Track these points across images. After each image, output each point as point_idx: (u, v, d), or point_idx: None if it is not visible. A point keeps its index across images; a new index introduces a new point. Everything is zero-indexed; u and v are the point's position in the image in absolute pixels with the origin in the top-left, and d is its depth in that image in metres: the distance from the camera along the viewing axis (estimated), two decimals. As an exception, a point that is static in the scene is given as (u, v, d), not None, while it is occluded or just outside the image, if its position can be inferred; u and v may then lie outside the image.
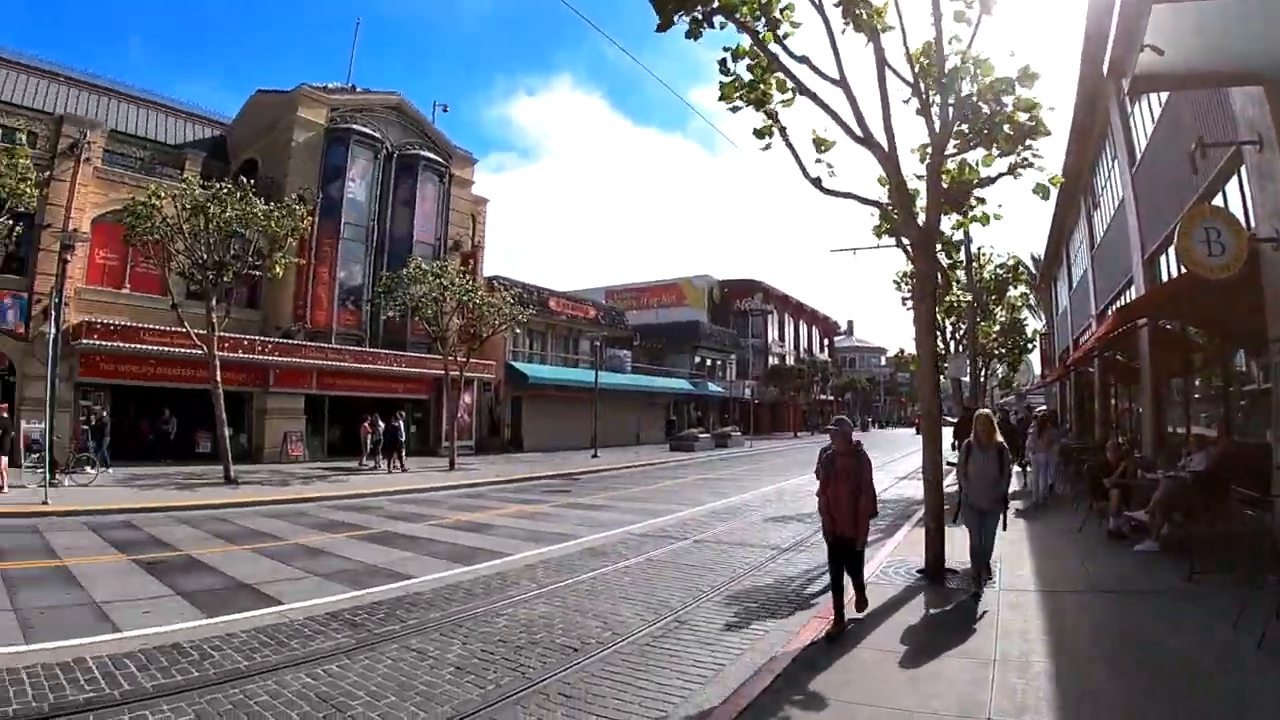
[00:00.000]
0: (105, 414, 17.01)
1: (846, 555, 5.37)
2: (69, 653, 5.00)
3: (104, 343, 17.33)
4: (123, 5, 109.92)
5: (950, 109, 7.09)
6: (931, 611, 6.00)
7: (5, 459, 12.84)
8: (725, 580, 7.32)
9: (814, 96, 6.95)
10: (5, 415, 13.98)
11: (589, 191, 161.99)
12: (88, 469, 14.71)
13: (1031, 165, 7.18)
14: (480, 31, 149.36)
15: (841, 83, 6.81)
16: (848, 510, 5.20)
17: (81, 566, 7.85)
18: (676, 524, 11.32)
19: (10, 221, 14.20)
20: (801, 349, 63.52)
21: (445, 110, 29.16)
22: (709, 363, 47.90)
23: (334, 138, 23.85)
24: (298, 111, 22.98)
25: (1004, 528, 6.30)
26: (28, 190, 13.57)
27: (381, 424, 20.12)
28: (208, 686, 4.44)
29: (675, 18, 6.53)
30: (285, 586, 7.07)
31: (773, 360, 55.91)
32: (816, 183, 7.40)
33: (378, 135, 25.30)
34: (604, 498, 15.20)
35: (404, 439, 19.98)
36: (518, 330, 26.23)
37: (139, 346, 17.86)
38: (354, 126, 24.38)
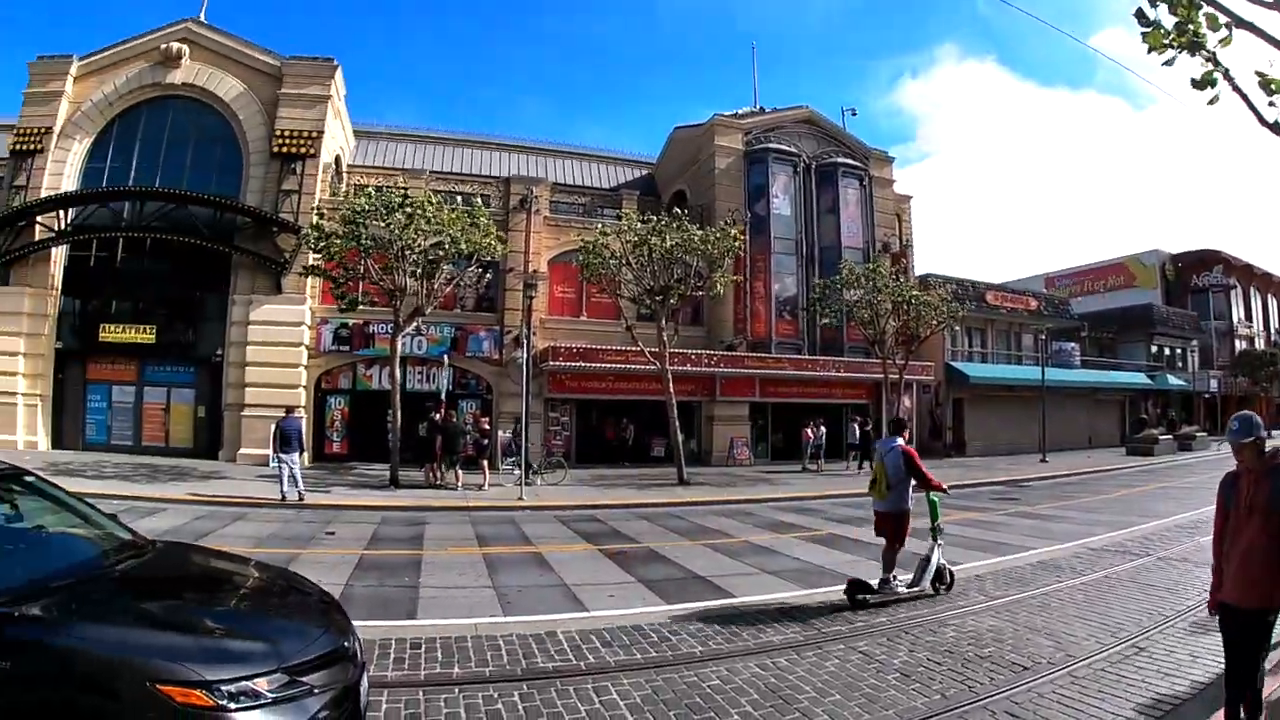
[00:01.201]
0: (516, 427, 18.99)
1: (1246, 636, 3.40)
2: (541, 626, 5.67)
3: (567, 363, 20.84)
4: (521, 76, 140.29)
5: None
6: None
7: (486, 463, 16.13)
8: (1192, 605, 6.35)
9: (1253, 28, 4.65)
10: (486, 426, 17.53)
11: (1004, 170, 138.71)
12: (556, 470, 17.29)
13: None
14: (835, 28, 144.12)
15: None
16: (1250, 565, 3.36)
17: (552, 553, 9.07)
18: (1137, 538, 10.28)
19: (480, 270, 18.42)
20: (1273, 329, 51.30)
21: (854, 114, 28.81)
22: (1166, 351, 41.21)
23: (753, 159, 25.36)
24: (715, 140, 25.08)
25: None
26: (490, 243, 16.58)
27: (823, 429, 21.46)
28: (664, 666, 4.80)
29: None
30: (736, 580, 7.48)
31: (1239, 344, 46.10)
32: (1276, 128, 4.74)
33: (793, 150, 26.10)
34: (1055, 506, 14.33)
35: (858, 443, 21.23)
36: (955, 328, 24.11)
37: (598, 365, 21.09)
38: (770, 145, 25.60)
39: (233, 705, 2.74)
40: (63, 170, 20.75)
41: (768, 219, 24.79)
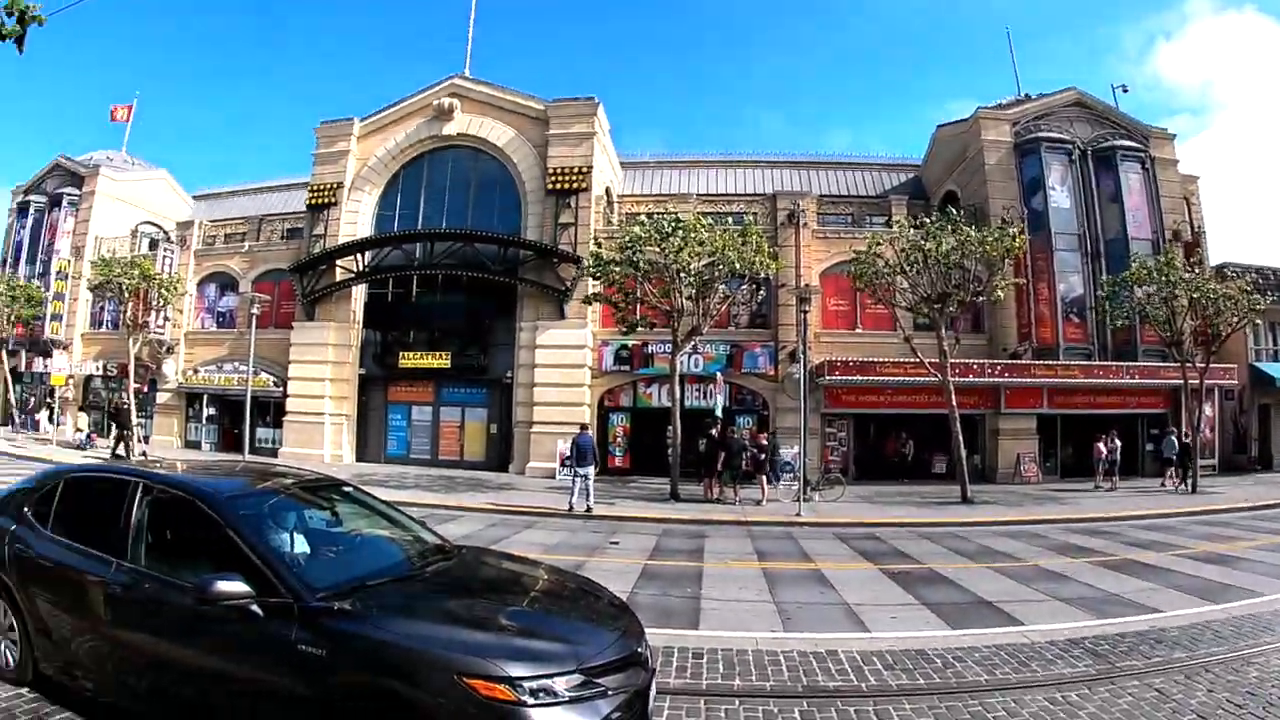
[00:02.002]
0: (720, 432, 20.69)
1: None
2: (822, 644, 6.38)
3: (843, 377, 23.19)
4: (760, 92, 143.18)
5: None
6: None
7: (765, 478, 18.47)
8: None
9: None
10: (763, 442, 19.69)
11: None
12: (834, 486, 19.00)
13: None
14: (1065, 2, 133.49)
15: None
16: None
17: (832, 571, 10.10)
18: None
19: (753, 287, 21.35)
20: None
21: (1124, 91, 28.95)
22: None
23: (1024, 150, 26.60)
24: (982, 135, 26.69)
25: None
26: (762, 260, 18.73)
27: (1117, 441, 21.86)
28: (948, 693, 5.28)
29: None
30: (1024, 607, 7.99)
31: None
32: None
33: (1065, 136, 26.89)
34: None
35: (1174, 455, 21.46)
36: (1257, 323, 23.37)
37: (875, 378, 23.28)
38: (1040, 134, 26.64)
39: (531, 701, 3.33)
40: (356, 219, 27.15)
41: (1046, 213, 25.74)
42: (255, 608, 3.73)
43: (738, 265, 18.63)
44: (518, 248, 24.57)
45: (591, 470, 16.08)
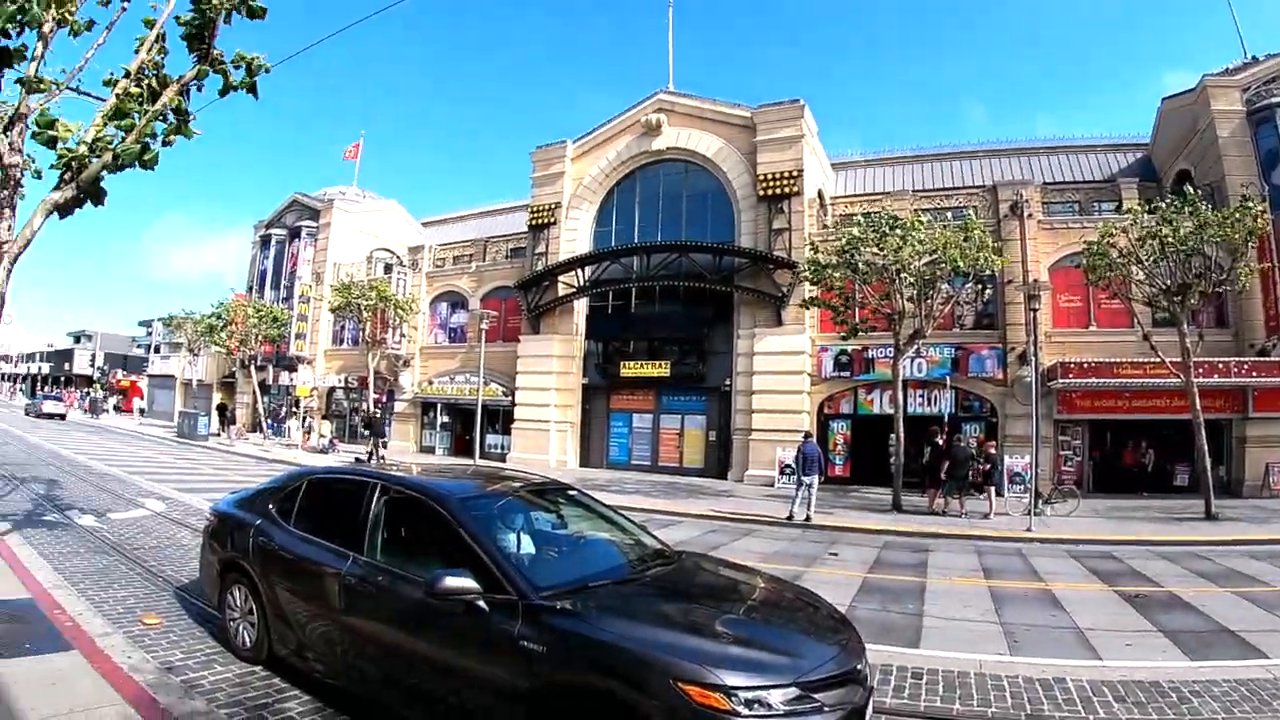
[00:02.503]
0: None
1: None
2: (1049, 670, 6.53)
3: (1078, 380, 23.43)
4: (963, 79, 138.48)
5: None
6: None
7: (993, 489, 18.96)
8: None
9: None
10: (991, 451, 20.22)
11: None
12: (1067, 500, 19.21)
13: None
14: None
15: None
16: None
17: (1063, 591, 10.20)
18: None
19: (978, 285, 22.21)
20: None
21: None
22: None
23: (1259, 119, 25.67)
24: (1211, 105, 26.21)
25: None
26: (986, 256, 19.23)
27: None
28: None
29: None
30: (1272, 639, 7.87)
31: None
32: None
33: (1313, 100, 25.84)
34: None
35: None
36: None
37: (1112, 381, 23.54)
38: (1274, 100, 25.49)
39: (745, 712, 3.56)
40: (575, 236, 31.54)
41: (1288, 188, 24.84)
42: (481, 603, 4.32)
43: (960, 263, 19.28)
44: (732, 255, 27.61)
45: (816, 479, 17.31)
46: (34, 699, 4.81)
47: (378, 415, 31.27)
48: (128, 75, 6.89)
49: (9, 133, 6.51)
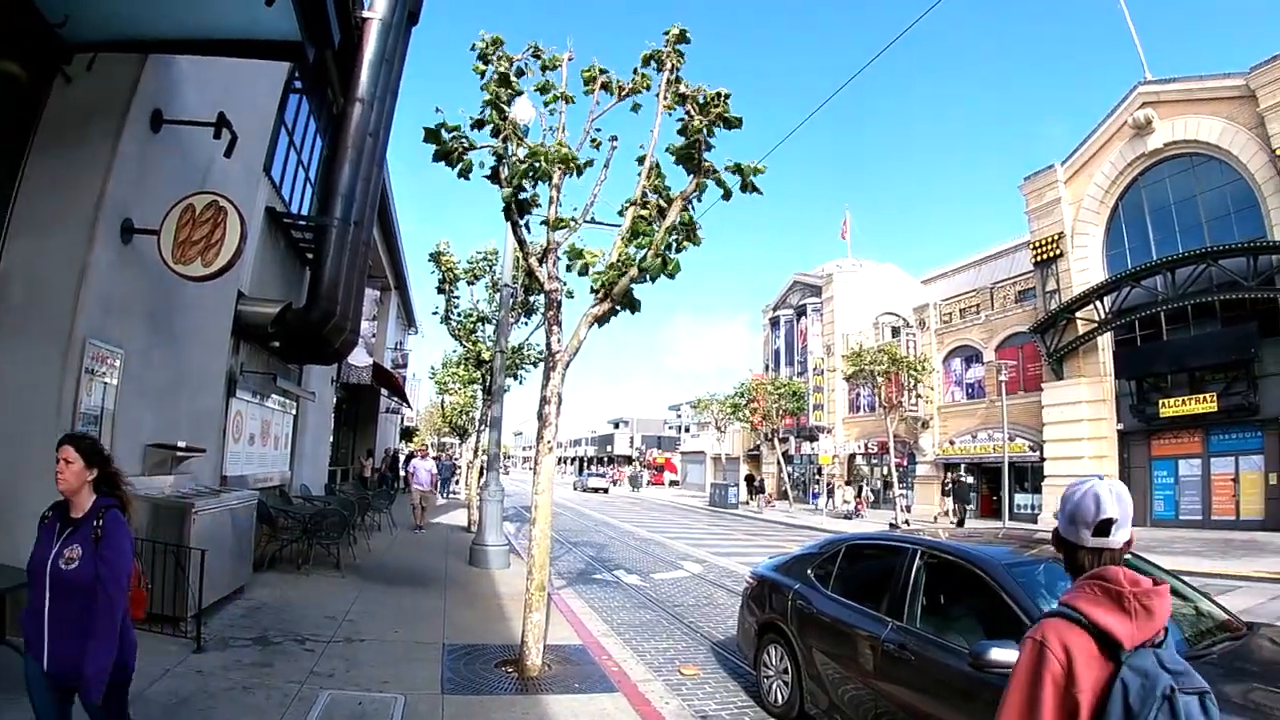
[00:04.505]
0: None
1: None
2: None
3: None
4: None
5: None
6: None
7: None
8: None
9: None
10: None
11: None
12: None
13: None
14: None
15: None
16: None
17: None
18: None
19: None
20: None
21: None
22: None
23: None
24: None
25: None
26: None
27: None
28: None
29: None
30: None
31: None
32: None
33: None
34: None
35: None
36: None
37: None
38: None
39: None
40: (1086, 265, 32.05)
41: None
42: None
43: None
44: (1266, 253, 25.31)
45: None
46: (582, 731, 5.98)
47: (965, 481, 33.74)
48: (633, 203, 8.47)
49: (544, 264, 8.57)
